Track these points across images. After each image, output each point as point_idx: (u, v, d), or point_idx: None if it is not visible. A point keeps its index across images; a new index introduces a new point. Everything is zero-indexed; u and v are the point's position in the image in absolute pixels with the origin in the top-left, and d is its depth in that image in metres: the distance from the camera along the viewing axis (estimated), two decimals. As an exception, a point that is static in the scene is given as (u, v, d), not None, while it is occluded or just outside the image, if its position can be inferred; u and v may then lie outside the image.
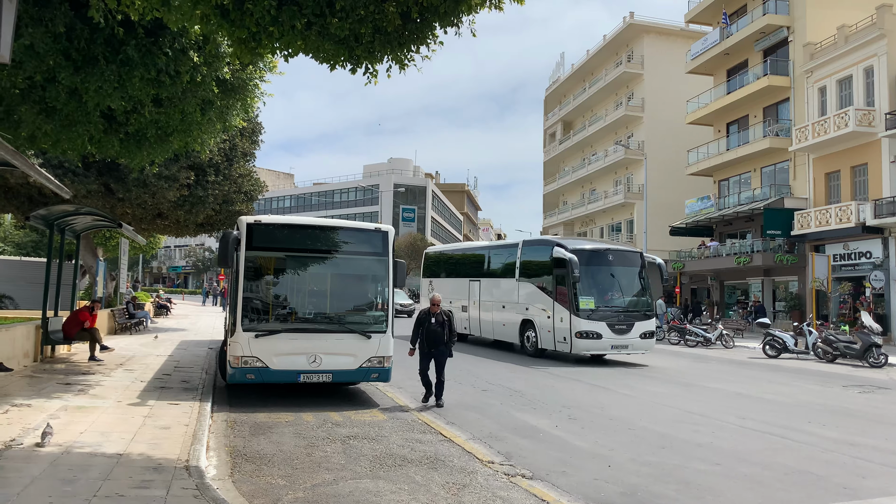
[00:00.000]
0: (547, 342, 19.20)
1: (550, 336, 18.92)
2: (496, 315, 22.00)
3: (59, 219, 13.28)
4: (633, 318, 18.69)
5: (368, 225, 11.70)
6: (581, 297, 18.20)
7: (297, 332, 10.81)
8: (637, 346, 18.62)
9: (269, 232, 11.09)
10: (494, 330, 22.20)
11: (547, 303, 19.13)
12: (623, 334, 18.33)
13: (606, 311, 18.39)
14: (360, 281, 11.71)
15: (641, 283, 19.41)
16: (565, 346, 18.40)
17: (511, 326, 21.04)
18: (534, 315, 19.81)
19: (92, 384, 11.03)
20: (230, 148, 24.47)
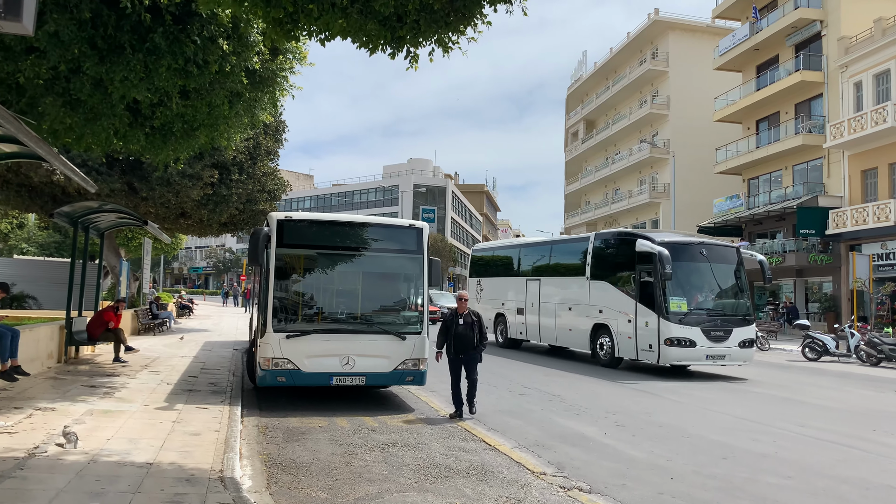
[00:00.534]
0: (626, 350, 16.76)
1: (631, 343, 16.50)
2: (560, 319, 19.57)
3: (83, 216, 12.93)
4: (731, 323, 16.17)
5: (402, 221, 11.21)
6: (672, 298, 15.73)
7: (329, 332, 10.35)
8: (735, 357, 16.04)
9: (299, 229, 10.64)
10: (558, 336, 19.81)
11: (627, 304, 16.72)
12: (720, 342, 15.83)
13: (701, 314, 15.97)
14: (394, 279, 11.22)
15: (739, 283, 16.93)
16: (650, 355, 15.94)
17: (579, 332, 18.61)
18: (609, 319, 17.33)
19: (117, 386, 10.64)
20: (254, 146, 24.13)
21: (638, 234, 17.07)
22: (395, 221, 11.34)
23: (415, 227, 11.03)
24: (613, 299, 17.28)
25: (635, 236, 16.97)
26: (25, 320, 16.07)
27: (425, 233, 11.02)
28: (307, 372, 10.17)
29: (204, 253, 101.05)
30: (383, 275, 11.21)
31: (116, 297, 22.41)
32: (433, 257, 11.08)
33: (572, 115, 67.82)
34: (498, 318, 23.12)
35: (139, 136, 11.55)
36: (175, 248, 53.85)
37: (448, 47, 7.39)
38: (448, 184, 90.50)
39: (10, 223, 47.99)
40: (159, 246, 47.33)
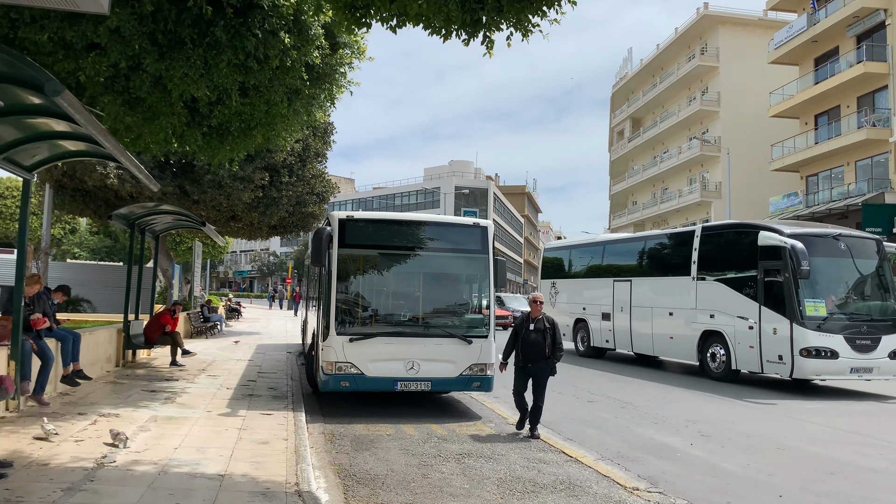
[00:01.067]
0: (747, 361, 14.40)
1: (753, 354, 14.13)
2: (659, 324, 17.24)
3: (140, 218, 12.79)
4: (879, 329, 13.68)
5: (466, 220, 10.74)
6: (808, 301, 13.46)
7: (393, 336, 9.93)
8: (885, 370, 13.50)
9: (361, 228, 10.26)
10: (655, 345, 17.49)
11: (747, 308, 14.37)
12: (867, 352, 13.34)
13: (842, 319, 13.66)
14: (458, 280, 10.76)
15: (883, 282, 14.38)
16: (780, 368, 13.64)
17: (683, 339, 16.26)
18: (723, 325, 14.99)
19: (177, 391, 10.40)
20: (303, 148, 23.98)
21: (760, 226, 14.82)
22: (458, 220, 10.88)
23: (479, 225, 10.56)
24: (728, 302, 15.01)
25: (757, 227, 14.70)
26: (83, 323, 16.04)
27: (490, 231, 10.54)
28: (371, 376, 9.77)
29: (249, 256, 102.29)
30: (447, 275, 10.75)
31: (172, 300, 22.49)
32: (498, 257, 10.59)
33: (617, 113, 66.65)
34: (578, 325, 21.07)
35: (196, 136, 11.33)
36: (222, 251, 54.48)
37: (528, 30, 6.90)
38: (489, 185, 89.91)
39: (62, 228, 49.06)
40: (207, 250, 47.87)
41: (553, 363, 8.91)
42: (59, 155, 7.95)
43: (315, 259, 9.61)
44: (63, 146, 7.69)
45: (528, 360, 8.89)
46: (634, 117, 62.43)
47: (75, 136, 7.05)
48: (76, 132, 6.96)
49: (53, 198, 23.40)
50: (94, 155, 8.19)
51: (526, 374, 9.02)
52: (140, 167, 8.01)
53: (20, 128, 6.72)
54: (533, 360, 8.86)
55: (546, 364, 8.86)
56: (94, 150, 7.67)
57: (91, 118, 5.51)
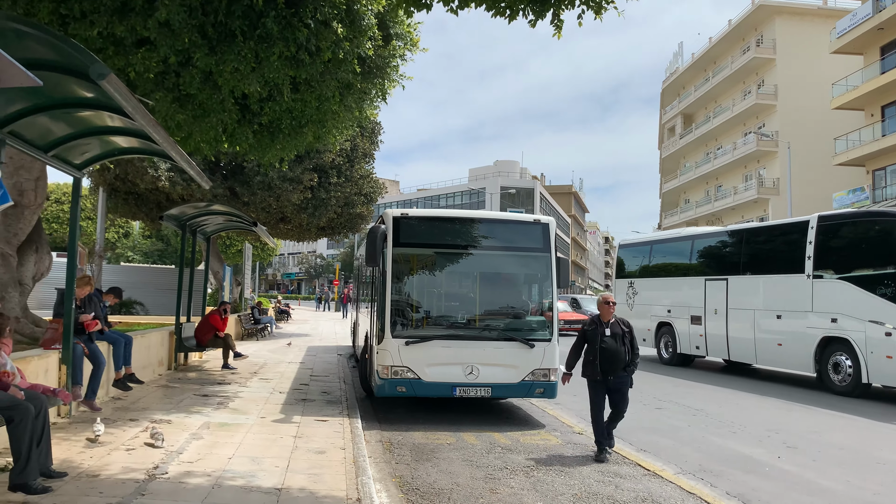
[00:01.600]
0: (883, 374, 12.49)
1: (891, 365, 12.27)
2: (763, 329, 15.29)
3: (191, 219, 12.60)
4: None
5: (527, 216, 10.20)
6: None
7: (451, 339, 9.46)
8: None
9: (417, 226, 9.81)
10: (759, 352, 15.53)
11: (885, 311, 12.36)
12: None
13: None
14: (520, 280, 10.23)
15: None
16: None
17: (796, 347, 14.37)
18: (850, 330, 13.02)
19: (230, 396, 10.11)
20: (351, 148, 23.75)
21: None
22: (518, 216, 10.35)
23: (540, 222, 10.00)
24: (857, 304, 12.97)
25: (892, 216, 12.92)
26: (136, 326, 16.03)
27: (552, 228, 9.98)
28: (428, 381, 9.32)
29: (296, 259, 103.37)
30: (507, 275, 10.24)
31: (220, 301, 22.49)
32: (561, 256, 10.02)
33: (668, 109, 65.06)
34: (661, 329, 18.94)
35: (247, 134, 11.08)
36: (271, 254, 54.94)
37: (602, 7, 6.35)
38: (535, 185, 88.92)
39: (116, 232, 50.15)
40: (256, 253, 48.28)
41: (632, 371, 7.77)
42: (109, 152, 7.70)
43: (369, 259, 9.20)
44: (114, 142, 7.43)
45: (608, 370, 7.58)
46: (686, 113, 60.80)
47: (126, 131, 6.76)
48: (127, 127, 6.68)
49: (107, 201, 23.66)
50: (145, 152, 7.91)
51: (603, 390, 7.71)
52: (191, 163, 7.70)
53: (69, 122, 6.45)
54: (612, 370, 7.58)
55: (626, 374, 7.69)
56: (145, 146, 7.39)
57: (140, 107, 5.17)
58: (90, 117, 6.41)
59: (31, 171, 9.96)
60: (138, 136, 6.91)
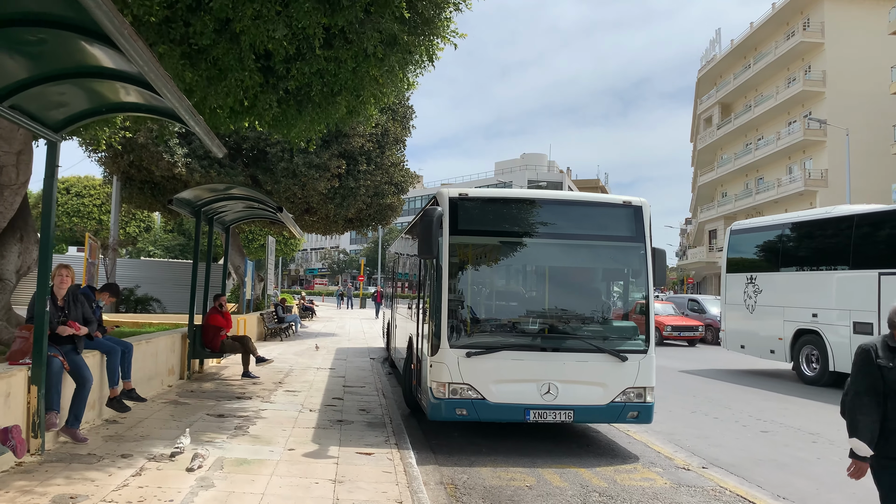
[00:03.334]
0: None
1: None
2: None
3: (207, 204, 10.85)
4: None
5: (615, 197, 8.28)
6: None
7: (524, 349, 7.60)
8: None
9: (479, 209, 7.94)
10: None
11: None
12: None
13: None
14: (608, 277, 8.34)
15: None
16: None
17: None
18: None
19: (250, 416, 8.34)
20: (382, 133, 21.93)
21: None
22: (605, 198, 8.40)
23: (631, 204, 8.09)
24: None
25: None
26: (147, 327, 14.40)
27: (646, 212, 8.07)
28: (495, 403, 7.48)
29: (319, 255, 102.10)
30: (592, 270, 8.34)
31: (245, 299, 20.85)
32: (657, 247, 8.11)
33: (704, 99, 62.51)
34: (801, 338, 14.97)
35: (271, 101, 9.27)
36: (293, 249, 53.47)
37: None
38: (564, 178, 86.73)
39: (137, 226, 48.91)
40: (279, 248, 46.77)
41: None
42: (95, 109, 5.94)
43: (424, 249, 7.35)
44: (100, 93, 5.67)
45: None
46: (724, 103, 58.28)
47: (117, 74, 4.99)
48: (118, 70, 4.93)
49: (121, 190, 22.11)
50: (143, 108, 6.15)
51: None
52: (207, 129, 5.94)
53: (32, 54, 4.66)
54: None
55: None
56: (144, 101, 5.64)
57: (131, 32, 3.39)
58: (62, 48, 4.63)
59: (10, 142, 8.25)
60: (133, 82, 5.15)
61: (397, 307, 13.65)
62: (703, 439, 8.87)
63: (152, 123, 15.59)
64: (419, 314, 9.16)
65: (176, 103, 5.25)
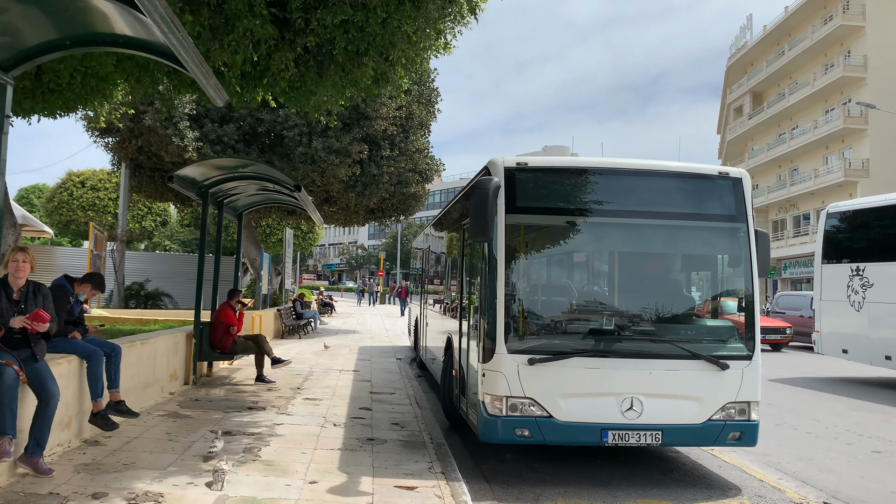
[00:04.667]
0: None
1: None
2: None
3: (214, 184, 9.46)
4: None
5: (707, 168, 6.73)
6: None
7: (601, 355, 6.11)
8: None
9: (542, 182, 6.45)
10: None
11: None
12: None
13: None
14: (702, 265, 6.84)
15: None
16: None
17: None
18: None
19: (263, 433, 6.94)
20: (406, 116, 20.48)
21: None
22: (697, 168, 6.83)
23: (729, 176, 6.57)
24: None
25: None
26: (151, 324, 13.08)
27: (746, 186, 6.55)
28: (565, 422, 6.00)
29: (337, 250, 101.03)
30: (683, 258, 6.84)
31: (261, 294, 19.54)
32: (760, 229, 6.59)
33: (734, 88, 60.35)
34: None
35: (287, 60, 7.85)
36: (311, 244, 52.26)
37: None
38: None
39: (153, 220, 47.95)
40: (297, 242, 45.52)
41: None
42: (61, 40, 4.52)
43: (477, 229, 5.87)
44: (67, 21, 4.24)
45: None
46: (756, 91, 56.11)
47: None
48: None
49: (130, 179, 20.87)
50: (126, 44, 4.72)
51: None
52: (204, 67, 4.51)
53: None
54: None
55: None
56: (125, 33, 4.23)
57: None
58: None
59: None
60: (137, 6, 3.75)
61: (429, 303, 12.22)
62: (806, 462, 7.35)
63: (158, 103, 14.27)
64: (461, 311, 7.71)
65: (163, 26, 3.83)
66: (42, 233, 22.93)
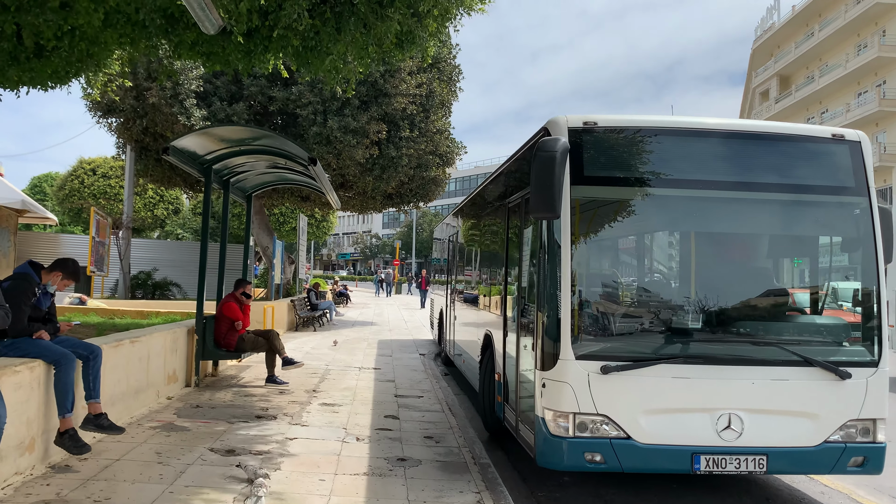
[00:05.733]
0: None
1: None
2: None
3: (218, 160, 8.30)
4: None
5: (818, 129, 5.45)
6: None
7: (691, 362, 4.88)
8: None
9: (616, 146, 5.21)
10: None
11: None
12: None
13: None
14: (813, 250, 5.56)
15: None
16: None
17: None
18: None
19: (273, 452, 5.79)
20: (427, 94, 19.22)
21: None
22: (805, 129, 5.53)
23: (845, 139, 5.30)
24: None
25: None
26: (152, 317, 11.99)
27: (867, 153, 5.28)
28: (646, 445, 4.80)
29: (351, 239, 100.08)
30: (790, 240, 5.58)
31: (274, 285, 18.42)
32: (883, 205, 5.33)
33: (760, 72, 58.44)
34: None
35: (300, 7, 6.67)
36: (325, 233, 51.20)
37: None
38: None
39: (166, 208, 47.08)
40: (311, 231, 44.46)
41: None
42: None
43: (542, 201, 4.65)
44: None
45: None
46: (783, 74, 54.24)
47: None
48: None
49: (136, 162, 19.79)
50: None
51: None
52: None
53: None
54: None
55: None
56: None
57: None
58: None
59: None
60: None
61: (457, 294, 11.02)
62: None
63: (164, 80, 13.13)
64: (504, 304, 6.51)
65: None
66: (46, 220, 21.92)
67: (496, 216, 7.38)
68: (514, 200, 6.29)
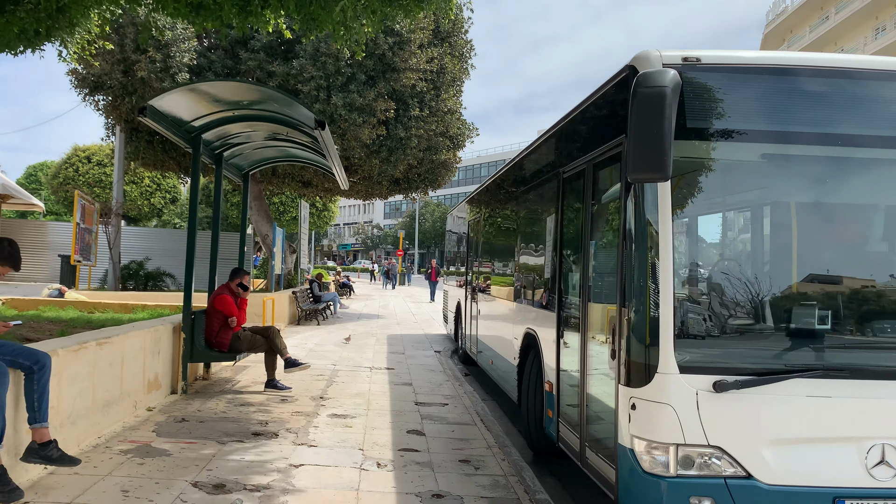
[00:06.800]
0: None
1: None
2: None
3: (209, 127, 7.02)
4: None
5: None
6: None
7: (830, 376, 3.64)
8: None
9: (727, 89, 3.91)
10: None
11: None
12: None
13: None
14: None
15: None
16: None
17: None
18: None
19: (273, 486, 4.56)
20: (438, 70, 17.90)
21: None
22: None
23: None
24: None
25: None
26: (137, 310, 10.73)
27: None
28: (773, 487, 3.57)
29: (352, 229, 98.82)
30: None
31: (274, 273, 17.18)
32: None
33: (772, 57, 57.00)
34: None
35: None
36: (326, 222, 49.96)
37: None
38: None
39: (163, 197, 45.81)
40: (311, 220, 43.20)
41: None
42: None
43: (646, 157, 3.37)
44: None
45: None
46: (796, 59, 52.81)
47: None
48: None
49: (126, 144, 18.50)
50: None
51: None
52: None
53: None
54: None
55: None
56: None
57: None
58: None
59: None
60: None
61: (480, 285, 9.76)
62: None
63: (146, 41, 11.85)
64: (561, 299, 5.26)
65: None
66: (32, 206, 20.69)
67: (542, 191, 6.12)
68: (575, 168, 5.03)
